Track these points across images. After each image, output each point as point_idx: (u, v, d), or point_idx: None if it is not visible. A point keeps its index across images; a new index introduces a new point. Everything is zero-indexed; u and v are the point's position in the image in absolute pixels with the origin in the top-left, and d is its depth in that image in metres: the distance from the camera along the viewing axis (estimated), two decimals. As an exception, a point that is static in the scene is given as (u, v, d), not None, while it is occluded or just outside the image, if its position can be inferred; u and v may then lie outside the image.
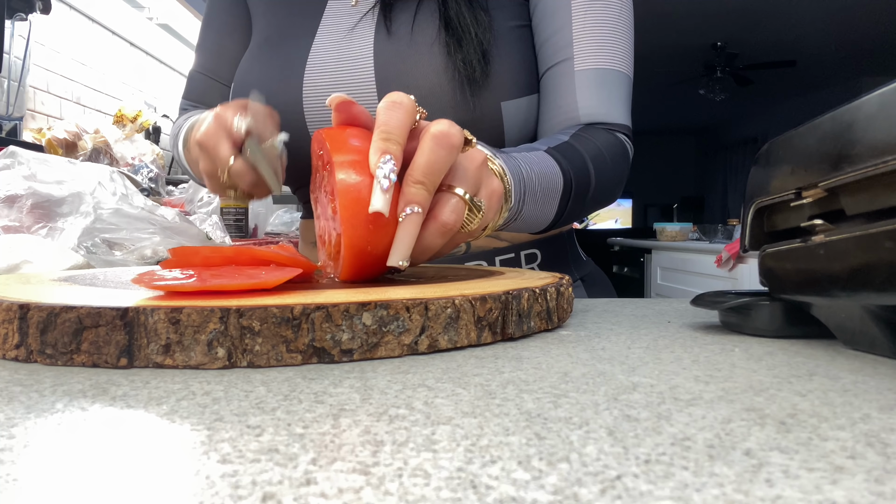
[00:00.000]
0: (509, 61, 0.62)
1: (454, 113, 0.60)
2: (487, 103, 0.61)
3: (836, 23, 4.30)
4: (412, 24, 0.61)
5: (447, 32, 0.60)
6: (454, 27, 0.60)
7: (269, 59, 0.66)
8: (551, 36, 0.63)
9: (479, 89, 0.60)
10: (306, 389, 0.23)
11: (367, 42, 0.62)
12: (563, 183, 0.53)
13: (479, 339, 0.31)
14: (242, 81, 0.67)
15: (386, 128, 0.35)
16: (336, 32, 0.64)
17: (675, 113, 7.21)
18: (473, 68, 0.59)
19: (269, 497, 0.14)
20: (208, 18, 0.77)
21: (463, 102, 0.60)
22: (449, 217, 0.36)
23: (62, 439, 0.17)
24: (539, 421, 0.19)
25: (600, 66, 0.61)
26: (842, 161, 0.28)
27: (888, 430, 0.18)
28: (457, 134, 0.35)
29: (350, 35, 0.63)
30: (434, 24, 0.61)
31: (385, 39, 0.61)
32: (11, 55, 1.49)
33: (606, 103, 0.61)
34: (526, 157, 0.51)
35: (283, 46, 0.65)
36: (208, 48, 0.76)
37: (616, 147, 0.60)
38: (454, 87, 0.59)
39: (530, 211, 0.51)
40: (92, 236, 0.81)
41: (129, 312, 0.26)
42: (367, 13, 0.64)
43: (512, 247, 0.68)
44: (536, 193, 0.50)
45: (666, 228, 3.80)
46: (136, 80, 2.38)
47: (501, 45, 0.62)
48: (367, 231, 0.34)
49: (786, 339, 0.34)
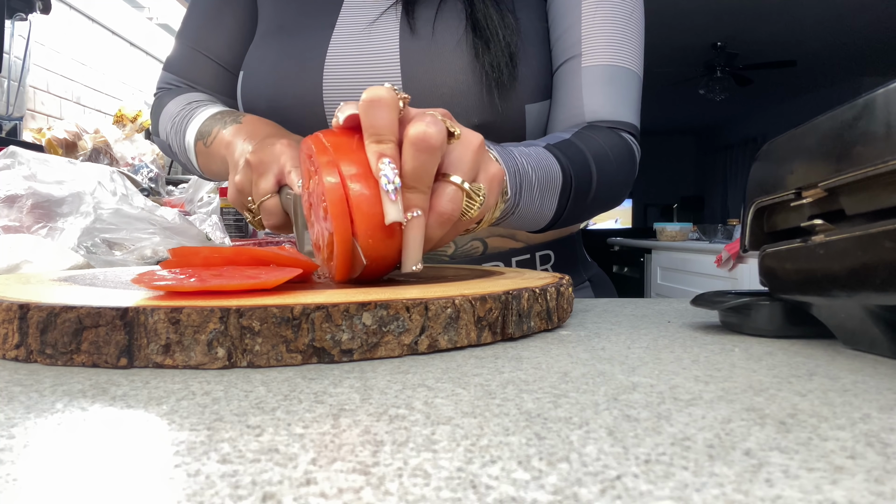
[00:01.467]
0: (535, 64, 0.61)
1: (479, 114, 0.59)
2: (512, 106, 0.60)
3: (836, 23, 4.30)
4: (434, 22, 0.61)
5: (475, 34, 0.59)
6: (482, 28, 0.59)
7: (285, 47, 0.64)
8: (562, 34, 0.62)
9: (506, 92, 0.59)
10: (306, 389, 0.23)
11: (392, 38, 0.61)
12: (562, 179, 0.52)
13: (479, 339, 0.31)
14: (255, 69, 0.65)
15: (374, 129, 0.35)
16: (356, 25, 0.63)
17: (675, 113, 7.21)
18: (501, 71, 0.58)
19: (269, 497, 0.14)
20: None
21: (490, 104, 0.59)
22: (447, 206, 0.36)
23: (62, 439, 0.17)
24: (539, 421, 0.19)
25: (608, 62, 0.61)
26: (842, 161, 0.28)
27: (888, 430, 0.18)
28: (435, 134, 0.34)
29: (371, 29, 0.62)
30: (459, 24, 0.60)
31: (409, 36, 0.61)
32: (11, 55, 1.49)
33: (613, 101, 0.60)
34: (523, 151, 0.50)
35: (300, 36, 0.64)
36: (201, 23, 0.71)
37: (620, 147, 0.59)
38: (480, 88, 0.59)
39: (528, 205, 0.50)
40: (92, 236, 0.81)
41: (129, 312, 0.26)
42: (388, 8, 0.63)
43: (527, 248, 0.67)
44: (533, 187, 0.50)
45: (666, 228, 3.80)
46: (136, 80, 2.38)
47: (527, 48, 0.61)
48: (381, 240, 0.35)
49: (786, 339, 0.34)
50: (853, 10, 4.07)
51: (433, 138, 0.34)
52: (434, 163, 0.35)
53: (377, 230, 0.34)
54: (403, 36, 0.61)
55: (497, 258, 0.66)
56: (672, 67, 5.28)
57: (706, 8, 4.09)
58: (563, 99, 0.62)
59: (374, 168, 0.34)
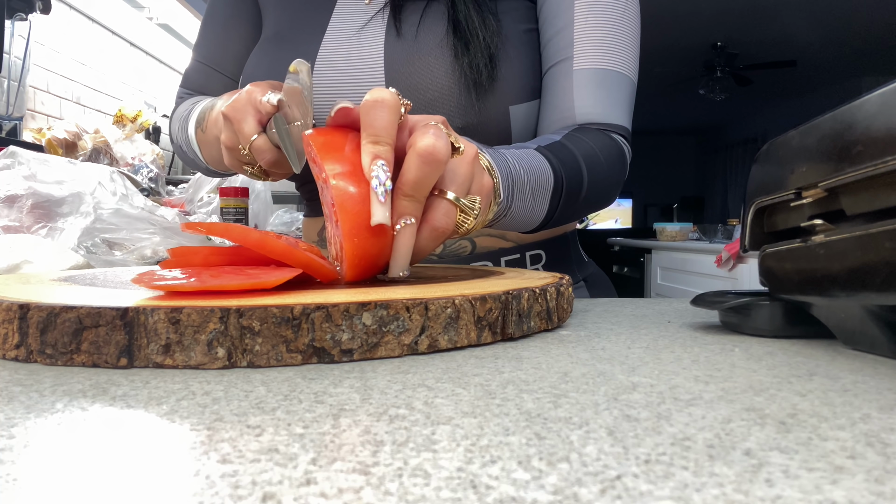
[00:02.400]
0: (518, 65, 0.62)
1: (462, 116, 0.60)
2: (495, 107, 0.60)
3: (836, 23, 4.29)
4: (418, 24, 0.61)
5: (455, 35, 0.60)
6: (462, 30, 0.60)
7: (279, 53, 0.65)
8: (553, 36, 0.63)
9: (486, 93, 0.59)
10: (306, 389, 0.23)
11: (378, 41, 0.62)
12: (553, 180, 0.53)
13: (479, 339, 0.31)
14: (251, 75, 0.67)
15: (373, 130, 0.35)
16: (346, 30, 0.64)
17: (675, 113, 7.21)
18: (480, 72, 0.59)
19: (269, 497, 0.14)
20: (213, 9, 0.76)
21: (469, 106, 0.59)
22: (441, 221, 0.37)
23: (62, 439, 0.17)
24: (539, 421, 0.19)
25: (599, 66, 0.61)
26: (842, 161, 0.28)
27: (888, 430, 0.18)
28: (443, 149, 0.35)
29: (360, 33, 0.63)
30: (441, 26, 0.61)
31: (395, 40, 0.61)
32: (11, 55, 1.49)
33: (604, 103, 0.61)
34: (515, 153, 0.51)
35: (293, 42, 0.65)
36: (211, 40, 0.76)
37: (611, 148, 0.60)
38: (461, 90, 0.59)
39: (520, 208, 0.51)
40: (92, 236, 0.81)
41: (129, 312, 0.26)
42: (377, 13, 0.64)
43: (517, 247, 0.68)
44: (525, 190, 0.50)
45: (666, 228, 3.80)
46: (136, 80, 2.38)
47: (510, 49, 0.61)
48: (366, 239, 0.35)
49: (786, 339, 0.34)
50: (853, 10, 4.07)
51: (440, 153, 0.34)
52: (436, 176, 0.35)
53: (362, 230, 0.34)
54: (389, 39, 0.62)
55: (486, 258, 0.67)
56: (672, 67, 5.27)
57: (706, 8, 4.09)
58: (553, 101, 0.62)
59: (365, 168, 0.35)
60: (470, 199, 0.38)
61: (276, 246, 0.34)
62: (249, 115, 0.49)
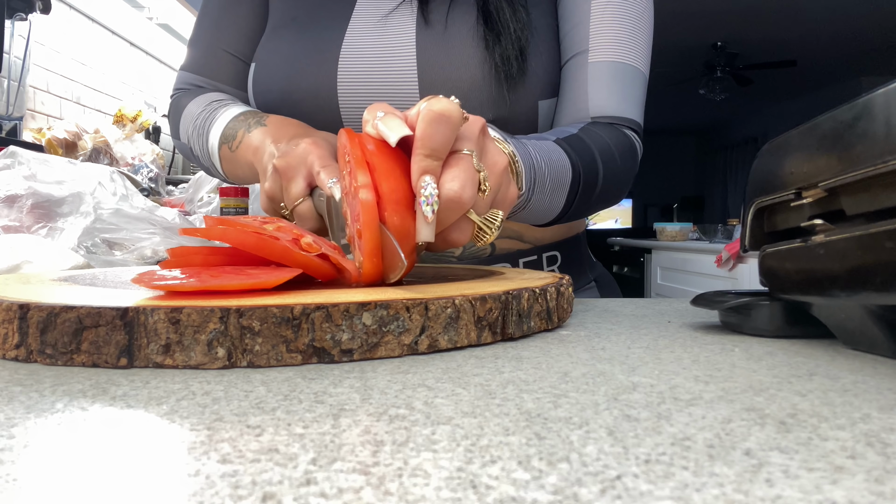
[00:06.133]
0: (547, 59, 0.62)
1: (493, 109, 0.59)
2: (525, 101, 0.60)
3: (836, 23, 4.29)
4: (447, 15, 0.61)
5: (486, 26, 0.59)
6: (493, 21, 0.59)
7: (298, 39, 0.63)
8: (570, 31, 0.63)
9: (516, 86, 0.59)
10: (306, 389, 0.23)
11: (408, 30, 0.61)
12: (571, 174, 0.53)
13: (479, 339, 0.31)
14: (267, 61, 0.64)
15: (431, 143, 0.33)
16: (372, 17, 0.62)
17: (675, 113, 7.21)
18: (511, 64, 0.58)
19: (269, 497, 0.14)
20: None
21: (500, 99, 0.59)
22: (455, 237, 0.35)
23: (62, 439, 0.17)
24: (539, 421, 0.19)
25: (614, 59, 0.61)
26: (842, 161, 0.28)
27: (888, 430, 0.18)
28: (455, 111, 0.33)
29: (386, 21, 0.62)
30: (471, 16, 0.60)
31: (424, 29, 0.60)
32: (11, 55, 1.48)
33: (618, 97, 0.61)
34: (536, 145, 0.50)
35: (314, 28, 0.63)
36: (216, 17, 0.70)
37: (625, 144, 0.60)
38: (491, 82, 0.59)
39: (539, 200, 0.50)
40: (92, 236, 0.81)
41: (129, 312, 0.26)
42: (403, 0, 0.62)
43: (534, 249, 0.67)
44: (546, 183, 0.50)
45: (666, 228, 3.80)
46: (136, 80, 2.38)
47: (539, 43, 0.61)
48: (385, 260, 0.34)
49: (786, 339, 0.34)
50: (853, 10, 4.07)
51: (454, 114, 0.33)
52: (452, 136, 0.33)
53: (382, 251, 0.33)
54: (420, 28, 0.61)
55: (505, 259, 0.66)
56: (672, 67, 5.27)
57: (706, 8, 4.09)
58: (568, 94, 0.62)
59: (414, 183, 0.33)
60: (493, 213, 0.36)
61: (275, 248, 0.34)
62: (301, 176, 0.46)
